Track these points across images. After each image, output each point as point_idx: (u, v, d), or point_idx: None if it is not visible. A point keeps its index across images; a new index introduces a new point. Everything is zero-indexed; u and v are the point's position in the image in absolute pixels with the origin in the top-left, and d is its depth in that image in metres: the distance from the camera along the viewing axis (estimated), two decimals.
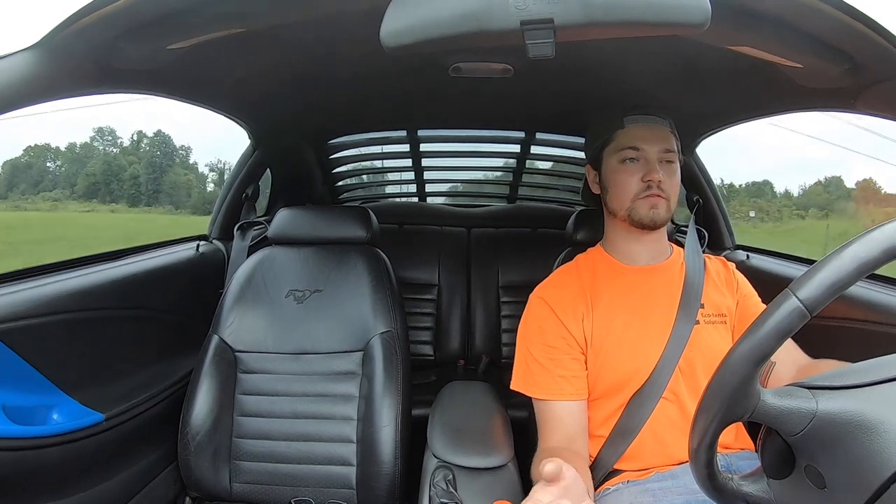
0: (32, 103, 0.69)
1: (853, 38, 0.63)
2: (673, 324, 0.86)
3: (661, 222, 0.90)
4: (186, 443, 1.03)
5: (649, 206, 0.88)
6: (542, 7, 0.52)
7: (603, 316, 0.89)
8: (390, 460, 0.99)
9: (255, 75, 1.07)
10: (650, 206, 0.88)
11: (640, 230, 0.91)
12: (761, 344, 0.40)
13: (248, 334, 1.11)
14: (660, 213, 0.89)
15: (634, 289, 0.92)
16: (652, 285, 0.92)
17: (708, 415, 0.43)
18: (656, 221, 0.89)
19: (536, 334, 0.91)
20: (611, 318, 0.88)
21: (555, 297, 0.92)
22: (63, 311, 0.91)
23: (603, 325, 0.89)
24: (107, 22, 0.65)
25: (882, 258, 0.39)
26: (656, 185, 0.88)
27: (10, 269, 0.95)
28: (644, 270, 0.94)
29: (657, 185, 0.88)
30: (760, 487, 0.45)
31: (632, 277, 0.93)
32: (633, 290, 0.91)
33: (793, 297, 0.39)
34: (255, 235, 1.47)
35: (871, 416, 0.39)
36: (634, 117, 0.91)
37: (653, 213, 0.88)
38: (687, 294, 0.89)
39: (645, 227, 0.90)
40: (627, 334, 0.87)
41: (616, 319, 0.88)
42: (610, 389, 0.87)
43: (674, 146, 0.92)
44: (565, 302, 0.91)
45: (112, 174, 23.64)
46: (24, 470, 0.83)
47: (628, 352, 0.86)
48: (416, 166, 1.97)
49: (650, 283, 0.92)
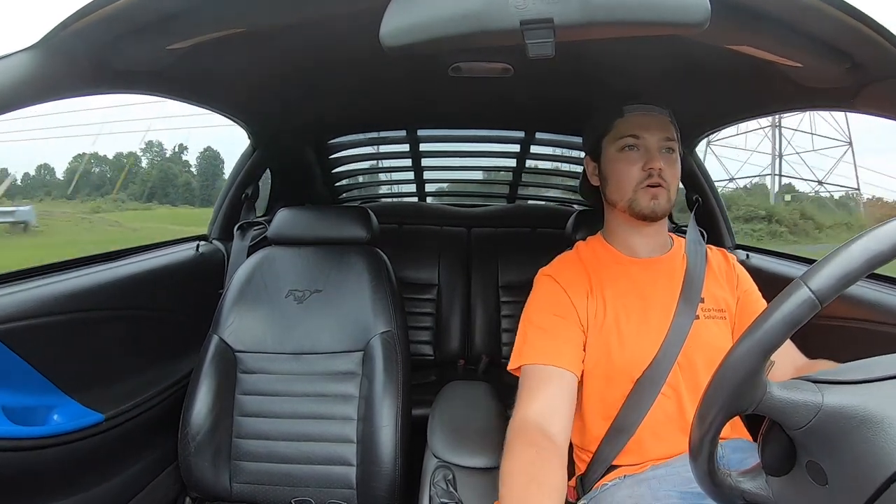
0: (32, 103, 0.69)
1: (853, 37, 0.63)
2: (672, 317, 0.86)
3: (662, 213, 0.90)
4: (186, 443, 1.03)
5: (650, 196, 0.88)
6: (542, 7, 0.52)
7: (603, 302, 0.89)
8: (390, 460, 0.99)
9: (254, 75, 1.07)
10: (651, 197, 0.88)
11: (641, 221, 0.90)
12: (771, 334, 0.40)
13: (248, 334, 1.11)
14: (660, 203, 0.88)
15: (635, 280, 0.91)
16: (652, 278, 0.91)
17: (713, 405, 0.43)
18: (657, 212, 0.89)
19: (544, 305, 0.89)
20: (611, 306, 0.88)
21: (561, 275, 0.91)
22: (63, 312, 0.91)
23: (603, 310, 0.88)
24: (107, 22, 0.65)
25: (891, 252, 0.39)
26: (657, 173, 0.87)
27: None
28: (645, 263, 0.94)
29: (658, 173, 0.87)
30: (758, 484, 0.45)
31: (632, 269, 0.93)
32: (634, 281, 0.91)
33: (804, 286, 0.39)
34: (255, 235, 1.47)
35: (877, 411, 0.38)
36: (634, 107, 0.91)
37: (653, 203, 0.88)
38: (687, 288, 0.88)
39: (646, 219, 0.89)
40: (627, 325, 0.86)
41: (616, 309, 0.88)
42: (608, 380, 0.86)
43: (674, 135, 0.91)
44: (571, 279, 0.90)
45: (168, 180, 26.47)
46: (24, 470, 0.83)
47: (627, 342, 0.85)
48: (415, 166, 1.97)
49: (650, 276, 0.92)
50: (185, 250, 1.37)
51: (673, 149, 0.91)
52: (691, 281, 0.89)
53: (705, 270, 0.91)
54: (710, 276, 0.92)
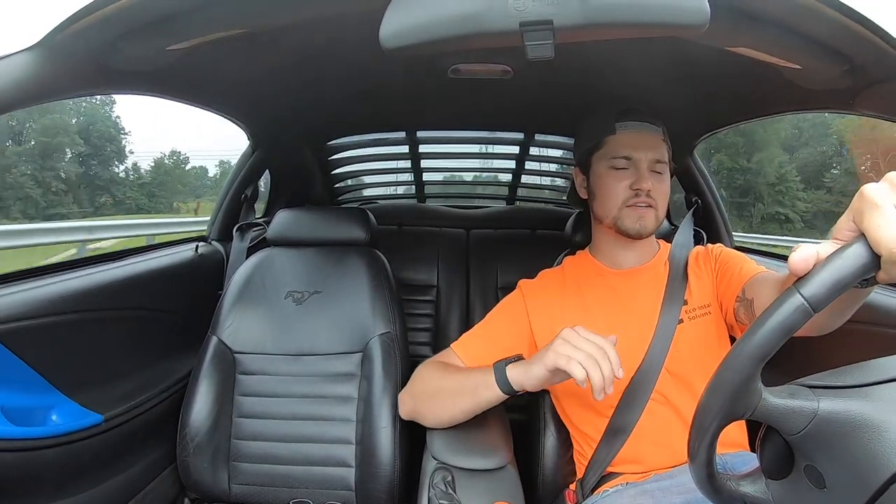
0: (33, 103, 0.69)
1: (852, 39, 0.63)
2: (656, 325, 0.86)
3: (648, 233, 0.90)
4: (185, 444, 1.03)
5: (636, 217, 0.88)
6: (542, 8, 0.52)
7: (583, 319, 0.89)
8: (389, 462, 0.99)
9: (254, 76, 1.07)
10: (637, 218, 0.88)
11: (627, 238, 0.91)
12: (765, 340, 0.40)
13: (247, 335, 1.11)
14: (647, 224, 0.88)
15: (616, 291, 0.92)
16: (634, 287, 0.92)
17: (709, 413, 0.43)
18: (642, 233, 0.89)
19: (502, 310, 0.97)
20: (591, 321, 0.88)
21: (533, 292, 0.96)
22: (62, 312, 0.91)
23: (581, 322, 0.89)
24: (107, 22, 0.65)
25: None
26: (645, 193, 0.87)
27: None
28: (627, 273, 0.94)
29: (647, 193, 0.87)
30: (759, 488, 0.45)
31: (614, 280, 0.93)
32: (615, 292, 0.92)
33: (797, 294, 0.39)
34: (254, 236, 1.47)
35: (873, 416, 0.38)
36: (626, 123, 0.90)
37: (639, 224, 0.88)
38: (669, 293, 0.88)
39: (631, 238, 0.90)
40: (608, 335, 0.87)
41: (597, 322, 0.88)
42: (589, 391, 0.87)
43: (665, 156, 0.91)
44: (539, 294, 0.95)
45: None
46: (23, 471, 0.82)
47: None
48: (415, 167, 1.97)
49: (632, 285, 0.92)
50: (185, 251, 1.36)
51: (662, 170, 0.90)
52: (673, 286, 0.89)
53: (687, 273, 0.91)
54: (695, 274, 0.91)
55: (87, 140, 21.13)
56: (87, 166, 21.00)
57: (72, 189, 19.83)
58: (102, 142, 21.82)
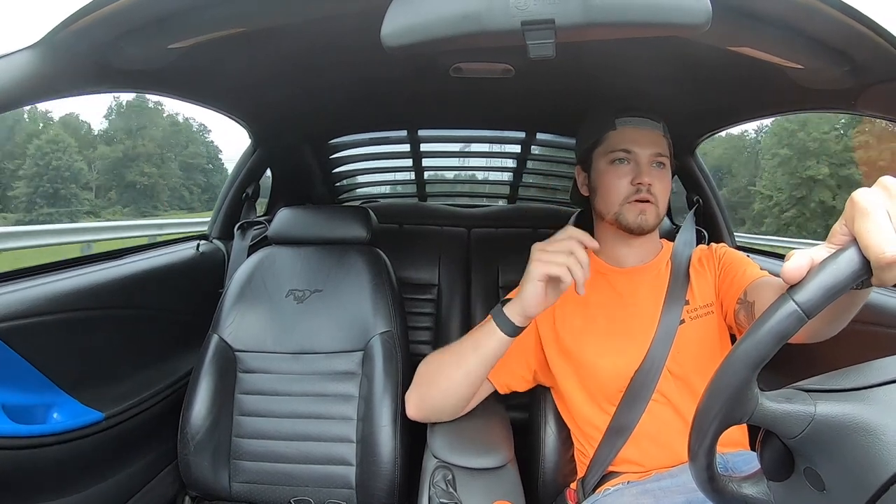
0: (33, 102, 0.69)
1: (854, 39, 0.63)
2: (657, 325, 0.86)
3: (650, 228, 0.89)
4: (186, 442, 1.03)
5: (637, 211, 0.88)
6: (543, 7, 0.52)
7: (584, 317, 0.89)
8: (390, 460, 0.99)
9: (255, 75, 1.07)
10: (638, 212, 0.88)
11: (629, 234, 0.91)
12: (759, 347, 0.40)
13: (248, 334, 1.11)
14: (648, 219, 0.88)
15: (618, 290, 0.92)
16: (636, 286, 0.92)
17: (707, 417, 0.43)
18: (644, 228, 0.89)
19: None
20: (591, 320, 0.88)
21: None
22: (64, 310, 0.91)
23: (583, 326, 0.89)
24: (107, 21, 0.65)
25: None
26: (646, 188, 0.87)
27: None
28: (628, 272, 0.94)
29: (647, 188, 0.87)
30: (760, 490, 0.45)
31: (615, 279, 0.93)
32: (617, 291, 0.91)
33: (790, 300, 0.40)
34: (256, 235, 1.47)
35: (870, 418, 0.39)
36: (626, 119, 0.90)
37: (640, 219, 0.88)
38: (671, 293, 0.88)
39: (633, 233, 0.90)
40: (610, 335, 0.87)
41: (598, 321, 0.88)
42: (596, 388, 0.87)
43: (665, 150, 0.91)
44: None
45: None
46: (24, 469, 0.83)
47: (611, 351, 0.86)
48: (416, 166, 1.97)
49: (634, 284, 0.92)
50: (186, 250, 1.37)
51: (664, 164, 0.90)
52: (675, 285, 0.89)
53: (690, 272, 0.91)
54: (697, 274, 0.91)
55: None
56: (209, 176, 31.56)
57: (204, 191, 30.12)
58: (210, 160, 32.68)
